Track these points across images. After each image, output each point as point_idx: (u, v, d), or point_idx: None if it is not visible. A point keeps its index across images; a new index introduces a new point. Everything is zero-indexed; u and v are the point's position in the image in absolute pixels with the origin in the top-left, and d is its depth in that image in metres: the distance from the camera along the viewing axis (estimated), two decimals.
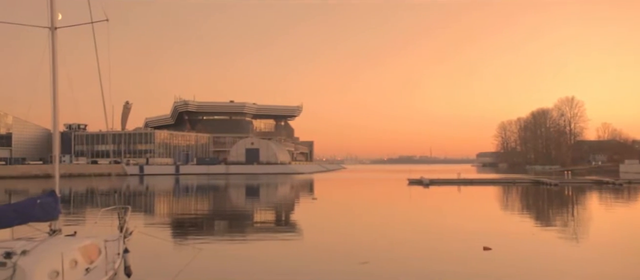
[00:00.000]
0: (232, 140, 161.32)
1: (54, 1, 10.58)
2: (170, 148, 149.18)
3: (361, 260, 15.17)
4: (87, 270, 9.05)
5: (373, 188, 65.62)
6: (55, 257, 8.27)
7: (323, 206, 38.26)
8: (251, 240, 20.37)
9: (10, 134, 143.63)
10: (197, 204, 41.96)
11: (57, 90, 10.71)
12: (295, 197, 49.88)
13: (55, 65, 10.67)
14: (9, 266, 7.68)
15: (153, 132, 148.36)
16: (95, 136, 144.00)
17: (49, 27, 10.65)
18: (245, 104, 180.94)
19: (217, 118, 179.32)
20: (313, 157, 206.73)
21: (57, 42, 10.61)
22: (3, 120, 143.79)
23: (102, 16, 11.20)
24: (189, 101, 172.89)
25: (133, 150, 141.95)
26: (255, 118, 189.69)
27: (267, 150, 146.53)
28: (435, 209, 35.12)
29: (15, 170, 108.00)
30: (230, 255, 16.97)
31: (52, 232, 10.24)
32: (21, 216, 9.39)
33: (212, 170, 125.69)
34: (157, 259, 15.59)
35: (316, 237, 21.13)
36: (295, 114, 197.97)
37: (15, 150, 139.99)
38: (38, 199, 9.98)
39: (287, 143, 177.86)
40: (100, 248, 9.86)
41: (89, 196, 48.31)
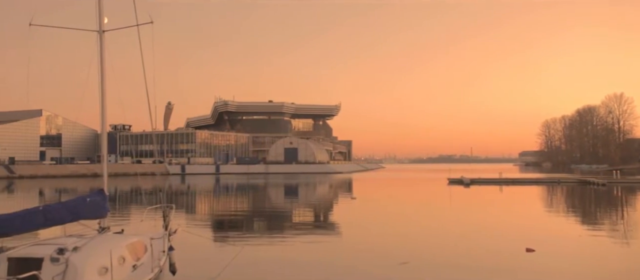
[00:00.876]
0: (271, 139, 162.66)
1: (102, 6, 10.93)
2: (210, 148, 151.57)
3: (401, 260, 15.05)
4: (134, 267, 9.30)
5: (412, 187, 65.00)
6: (104, 254, 8.54)
7: (362, 205, 38.13)
8: (291, 239, 20.49)
9: (60, 134, 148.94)
10: (237, 203, 42.49)
11: (105, 92, 11.06)
12: (333, 196, 49.89)
13: (103, 68, 11.02)
14: (61, 262, 7.98)
15: (194, 132, 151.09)
16: (139, 136, 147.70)
17: (97, 31, 11.00)
18: (283, 104, 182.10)
19: (256, 118, 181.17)
20: (351, 157, 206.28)
21: (105, 44, 10.95)
22: (53, 121, 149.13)
23: (147, 19, 11.48)
24: (229, 101, 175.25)
25: (175, 150, 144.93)
26: (293, 118, 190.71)
27: (305, 149, 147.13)
28: (476, 209, 34.50)
29: (65, 170, 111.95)
30: (270, 253, 17.12)
31: (101, 230, 10.57)
32: (72, 214, 9.73)
33: (252, 169, 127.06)
34: (201, 256, 15.88)
35: (355, 237, 21.09)
36: (333, 113, 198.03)
37: (64, 150, 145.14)
38: (88, 198, 10.32)
39: (325, 142, 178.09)
40: (146, 245, 10.11)
41: (134, 195, 49.61)
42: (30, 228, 9.11)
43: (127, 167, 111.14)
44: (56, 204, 9.77)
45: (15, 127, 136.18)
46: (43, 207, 9.29)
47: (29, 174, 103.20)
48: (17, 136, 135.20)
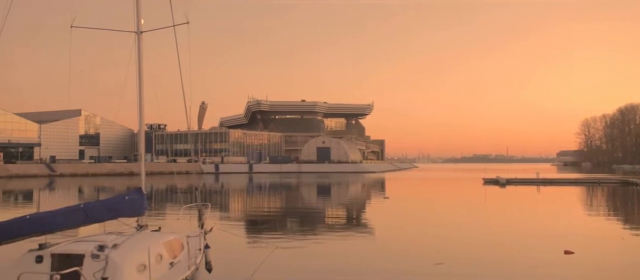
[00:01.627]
0: (303, 139, 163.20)
1: (139, 7, 11.13)
2: (244, 147, 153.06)
3: (436, 261, 14.87)
4: (171, 264, 9.45)
5: (446, 187, 64.24)
6: (142, 251, 8.70)
7: (395, 205, 37.88)
8: (324, 238, 20.50)
9: (98, 134, 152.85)
10: (270, 202, 42.79)
11: (142, 91, 11.27)
12: (366, 196, 49.73)
13: (140, 68, 11.23)
14: (101, 258, 8.17)
15: (227, 132, 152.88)
16: (174, 136, 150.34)
17: (135, 32, 11.22)
18: (316, 103, 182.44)
19: (289, 117, 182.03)
20: (384, 156, 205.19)
21: (142, 45, 11.16)
22: (92, 120, 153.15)
23: (183, 19, 11.63)
24: (262, 101, 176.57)
25: (209, 149, 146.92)
26: (326, 117, 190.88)
27: (338, 149, 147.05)
28: (512, 210, 33.86)
29: (103, 168, 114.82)
30: (304, 252, 17.17)
31: (139, 228, 10.78)
32: (112, 212, 9.96)
33: (285, 168, 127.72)
34: (236, 255, 16.04)
35: (389, 236, 20.96)
36: (366, 112, 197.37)
37: (102, 149, 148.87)
38: (126, 196, 10.54)
39: (358, 142, 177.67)
40: (183, 243, 10.26)
41: (169, 193, 50.49)
42: (72, 225, 9.36)
43: (162, 166, 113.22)
44: (96, 202, 10.02)
45: (56, 127, 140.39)
46: (84, 205, 9.53)
47: (69, 172, 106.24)
48: (58, 135, 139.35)
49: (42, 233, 8.65)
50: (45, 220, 8.65)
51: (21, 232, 8.20)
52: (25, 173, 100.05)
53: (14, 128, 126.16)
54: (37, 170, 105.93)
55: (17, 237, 8.15)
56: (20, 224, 8.25)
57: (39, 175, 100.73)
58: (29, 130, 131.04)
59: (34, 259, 8.36)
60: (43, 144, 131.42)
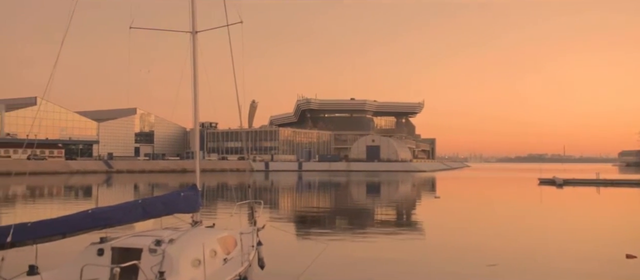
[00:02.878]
0: (353, 137, 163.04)
1: (195, 8, 11.34)
2: (293, 145, 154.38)
3: (489, 262, 14.49)
4: (225, 260, 9.57)
5: (500, 187, 62.65)
6: (197, 247, 8.85)
7: (446, 205, 37.23)
8: (374, 237, 20.35)
9: (152, 131, 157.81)
10: (319, 200, 42.92)
11: (197, 91, 11.48)
12: (416, 195, 49.12)
13: (195, 67, 11.44)
14: (158, 253, 8.36)
15: (277, 130, 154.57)
16: (225, 134, 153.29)
17: (191, 32, 11.44)
18: (365, 102, 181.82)
19: (338, 115, 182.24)
20: (435, 155, 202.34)
21: (197, 45, 11.37)
22: (146, 119, 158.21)
23: (237, 19, 11.76)
24: (311, 99, 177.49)
25: (259, 147, 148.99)
26: (375, 115, 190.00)
27: (387, 147, 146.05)
28: (569, 211, 32.63)
29: (157, 165, 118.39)
30: (355, 251, 17.10)
31: (194, 224, 10.98)
32: (168, 208, 10.19)
33: (334, 167, 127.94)
34: (288, 252, 16.15)
35: (440, 236, 20.59)
36: (416, 110, 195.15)
37: (156, 146, 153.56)
38: (182, 193, 10.76)
39: (408, 140, 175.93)
40: (236, 240, 10.38)
41: (221, 190, 51.47)
42: (131, 220, 9.63)
43: (213, 164, 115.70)
44: (153, 198, 10.27)
45: (113, 125, 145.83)
46: (142, 201, 9.79)
47: (125, 169, 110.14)
48: (115, 133, 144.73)
49: (103, 227, 8.94)
50: (106, 215, 8.93)
51: (84, 226, 8.50)
52: (85, 169, 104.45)
53: (74, 126, 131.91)
54: (96, 166, 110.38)
55: (80, 231, 8.45)
56: (83, 218, 8.55)
57: (98, 171, 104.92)
58: (89, 128, 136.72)
59: (95, 252, 8.66)
60: (101, 142, 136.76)
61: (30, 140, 79.41)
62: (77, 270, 7.84)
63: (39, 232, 7.87)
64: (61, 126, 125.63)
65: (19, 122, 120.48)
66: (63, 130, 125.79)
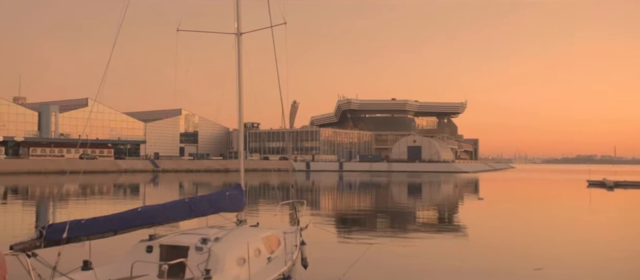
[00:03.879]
0: (393, 137, 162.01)
1: (239, 10, 11.55)
2: (334, 145, 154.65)
3: (535, 265, 14.14)
4: (269, 259, 9.71)
5: (546, 189, 60.97)
6: (242, 246, 9.02)
7: (490, 206, 36.55)
8: (415, 238, 20.17)
9: (196, 132, 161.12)
10: (360, 200, 42.83)
11: (242, 92, 11.69)
12: (459, 196, 48.33)
13: (240, 69, 11.65)
14: (204, 251, 8.57)
15: (318, 130, 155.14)
16: (266, 134, 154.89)
17: (235, 33, 11.65)
18: (407, 102, 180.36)
19: (379, 116, 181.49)
20: (478, 156, 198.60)
21: (242, 46, 11.58)
22: (191, 119, 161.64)
23: (281, 20, 11.90)
24: (352, 100, 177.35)
25: (300, 147, 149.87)
26: (417, 115, 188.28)
27: (429, 148, 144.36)
28: (621, 215, 31.46)
29: (201, 165, 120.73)
30: (398, 251, 17.01)
31: (239, 222, 11.18)
32: (214, 206, 10.42)
33: (374, 167, 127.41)
34: (330, 252, 16.22)
35: (483, 238, 20.22)
36: (458, 110, 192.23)
37: (200, 146, 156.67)
38: (227, 192, 10.98)
39: (450, 141, 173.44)
40: (280, 239, 10.51)
41: (263, 190, 52.03)
42: (178, 218, 9.90)
43: (255, 163, 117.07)
44: (200, 197, 10.52)
45: (159, 125, 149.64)
46: (188, 200, 10.04)
47: (171, 168, 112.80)
48: (160, 133, 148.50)
49: (151, 225, 9.21)
50: (155, 213, 9.20)
51: (134, 224, 8.79)
52: (133, 168, 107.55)
53: (123, 126, 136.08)
54: (143, 165, 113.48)
55: (130, 228, 8.74)
56: (133, 216, 8.85)
57: (145, 170, 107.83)
58: (136, 129, 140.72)
59: (144, 249, 8.95)
60: (148, 142, 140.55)
61: (84, 141, 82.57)
62: (128, 266, 8.12)
63: (92, 228, 8.20)
64: (111, 127, 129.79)
65: (72, 123, 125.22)
66: (112, 131, 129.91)
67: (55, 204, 37.02)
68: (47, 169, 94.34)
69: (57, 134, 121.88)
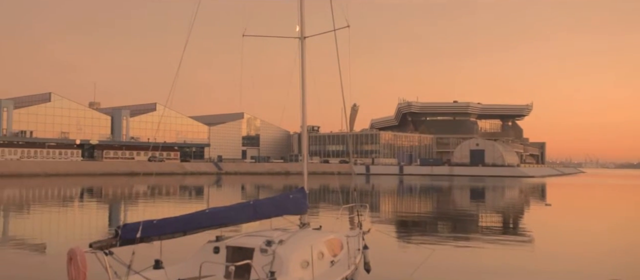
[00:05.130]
0: (455, 141, 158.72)
1: (303, 15, 11.69)
2: (394, 148, 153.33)
3: (611, 276, 13.43)
4: (332, 263, 9.73)
5: (620, 195, 57.83)
6: (306, 248, 9.09)
7: (558, 213, 35.08)
8: (479, 244, 19.64)
9: (258, 135, 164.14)
10: (422, 204, 42.23)
11: (305, 95, 11.80)
12: (524, 201, 46.66)
13: (303, 72, 11.78)
14: (269, 253, 8.71)
15: (378, 133, 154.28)
16: (326, 137, 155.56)
17: (299, 37, 11.80)
18: (469, 104, 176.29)
19: (441, 119, 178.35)
20: (544, 160, 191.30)
21: (305, 50, 11.70)
22: (253, 123, 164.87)
23: (344, 23, 11.93)
24: (412, 102, 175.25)
25: (360, 150, 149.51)
26: (479, 118, 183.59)
27: (492, 151, 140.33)
28: None
29: (262, 167, 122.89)
30: (462, 257, 16.66)
31: (302, 225, 11.28)
32: (277, 209, 10.58)
33: (435, 171, 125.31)
34: (393, 256, 16.10)
35: (551, 246, 19.41)
36: (524, 113, 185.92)
37: (261, 149, 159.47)
38: (290, 195, 11.11)
39: (514, 144, 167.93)
40: (342, 243, 10.50)
41: (323, 193, 52.27)
42: (243, 220, 10.12)
43: (315, 167, 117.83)
44: (264, 200, 10.70)
45: (222, 129, 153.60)
46: (253, 202, 10.25)
47: (233, 171, 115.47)
48: (223, 136, 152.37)
49: (218, 226, 9.45)
50: (221, 215, 9.45)
51: (202, 225, 9.06)
52: (197, 170, 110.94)
53: (188, 130, 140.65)
54: (207, 168, 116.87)
55: (199, 229, 9.02)
56: (201, 217, 9.12)
57: (209, 172, 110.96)
58: (201, 132, 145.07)
59: (212, 250, 9.20)
60: (211, 145, 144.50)
61: (156, 144, 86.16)
62: (196, 266, 8.38)
63: (163, 229, 8.51)
64: (177, 130, 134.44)
65: (141, 127, 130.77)
66: (178, 134, 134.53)
67: (126, 204, 38.77)
68: (119, 170, 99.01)
69: (128, 137, 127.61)
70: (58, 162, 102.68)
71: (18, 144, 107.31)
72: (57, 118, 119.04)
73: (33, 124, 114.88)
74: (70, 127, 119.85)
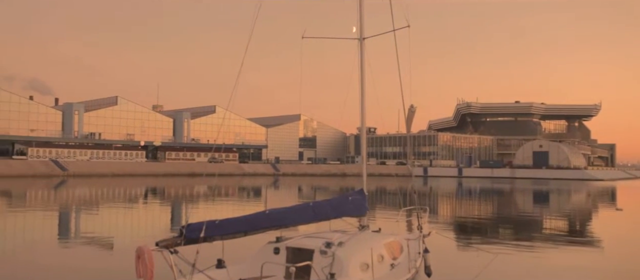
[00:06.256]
0: (517, 142, 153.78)
1: (363, 16, 11.64)
2: (452, 150, 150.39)
3: None
4: (392, 266, 9.63)
5: None
6: (365, 251, 9.04)
7: (630, 218, 33.26)
8: (544, 249, 18.88)
9: (314, 137, 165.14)
10: (482, 207, 41.16)
11: (364, 96, 11.76)
12: (592, 206, 44.54)
13: (363, 74, 11.73)
14: (329, 255, 8.71)
15: (436, 135, 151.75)
16: (383, 138, 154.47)
17: (358, 38, 11.76)
18: (532, 104, 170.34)
19: (501, 119, 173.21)
20: (615, 162, 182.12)
21: (365, 51, 11.64)
22: (309, 124, 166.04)
23: (404, 23, 11.77)
24: (472, 103, 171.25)
25: (417, 152, 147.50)
26: (543, 119, 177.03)
27: (557, 153, 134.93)
28: None
29: (319, 169, 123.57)
30: (525, 263, 16.07)
31: (361, 228, 11.23)
32: (336, 211, 10.57)
33: (496, 173, 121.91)
34: (454, 260, 15.75)
35: (623, 254, 18.37)
36: (591, 113, 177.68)
37: (318, 151, 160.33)
38: (350, 196, 11.09)
39: (581, 146, 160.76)
40: (402, 246, 10.38)
41: (381, 195, 51.92)
42: (302, 221, 10.19)
43: (372, 168, 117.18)
44: (323, 202, 10.72)
45: (280, 130, 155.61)
46: (312, 204, 10.29)
47: (290, 172, 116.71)
48: (281, 138, 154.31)
49: (278, 227, 9.56)
50: (281, 216, 9.55)
51: (262, 226, 9.19)
52: (255, 172, 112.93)
53: (246, 132, 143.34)
54: (265, 169, 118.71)
55: (259, 230, 9.15)
56: (261, 218, 9.26)
57: (266, 173, 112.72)
58: (258, 134, 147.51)
59: (272, 250, 9.31)
60: (269, 146, 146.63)
61: (218, 146, 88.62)
62: (257, 266, 8.50)
63: (225, 229, 8.69)
64: (235, 132, 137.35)
65: (201, 129, 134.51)
66: (237, 136, 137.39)
67: (188, 204, 39.94)
68: (180, 171, 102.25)
69: (188, 139, 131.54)
70: (124, 162, 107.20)
71: (88, 146, 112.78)
72: (123, 121, 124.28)
73: (101, 127, 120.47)
74: (135, 129, 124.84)
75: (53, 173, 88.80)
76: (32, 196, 46.04)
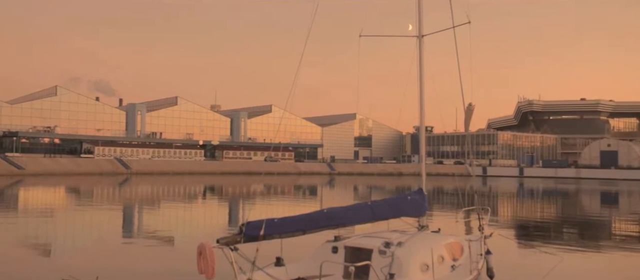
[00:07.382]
0: (583, 141, 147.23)
1: (421, 13, 11.41)
2: (513, 149, 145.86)
3: None
4: (453, 267, 9.37)
5: None
6: (425, 251, 8.84)
7: None
8: (613, 252, 17.91)
9: (370, 136, 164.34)
10: (545, 208, 39.63)
11: (423, 94, 11.52)
12: None
13: (421, 71, 11.51)
14: (388, 255, 8.58)
15: (496, 134, 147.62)
16: (440, 137, 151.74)
17: (417, 36, 11.53)
18: (599, 102, 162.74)
19: (565, 118, 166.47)
20: None
21: (423, 49, 11.41)
22: (365, 123, 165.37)
23: (464, 19, 11.46)
24: (534, 101, 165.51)
25: (476, 151, 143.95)
26: (611, 117, 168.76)
27: (628, 153, 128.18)
28: None
29: (374, 168, 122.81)
30: (593, 268, 15.32)
31: (421, 228, 11.02)
32: (395, 211, 10.41)
33: (560, 173, 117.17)
34: (518, 262, 15.22)
35: None
36: None
37: (373, 150, 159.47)
38: (409, 196, 10.89)
39: None
40: (463, 247, 10.10)
41: (439, 195, 50.99)
42: (360, 221, 10.08)
43: (429, 168, 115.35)
44: (381, 201, 10.58)
45: (335, 130, 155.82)
46: (371, 203, 10.17)
47: (345, 171, 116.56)
48: (336, 137, 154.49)
49: (336, 226, 9.49)
50: (339, 215, 9.48)
51: (320, 225, 9.15)
52: (311, 171, 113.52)
53: (302, 131, 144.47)
54: (320, 168, 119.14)
55: (317, 229, 9.12)
56: (320, 217, 9.22)
57: (321, 173, 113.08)
58: (314, 133, 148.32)
59: (330, 249, 9.27)
60: (324, 145, 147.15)
61: (276, 145, 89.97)
62: (316, 264, 8.48)
63: (284, 227, 8.71)
64: (291, 131, 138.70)
65: (257, 128, 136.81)
66: (292, 135, 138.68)
67: (245, 202, 40.65)
68: (237, 170, 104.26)
69: (245, 138, 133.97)
70: (183, 161, 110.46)
71: (150, 145, 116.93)
72: (182, 120, 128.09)
73: (162, 126, 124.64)
74: (194, 128, 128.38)
75: (117, 171, 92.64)
76: (99, 193, 48.18)
